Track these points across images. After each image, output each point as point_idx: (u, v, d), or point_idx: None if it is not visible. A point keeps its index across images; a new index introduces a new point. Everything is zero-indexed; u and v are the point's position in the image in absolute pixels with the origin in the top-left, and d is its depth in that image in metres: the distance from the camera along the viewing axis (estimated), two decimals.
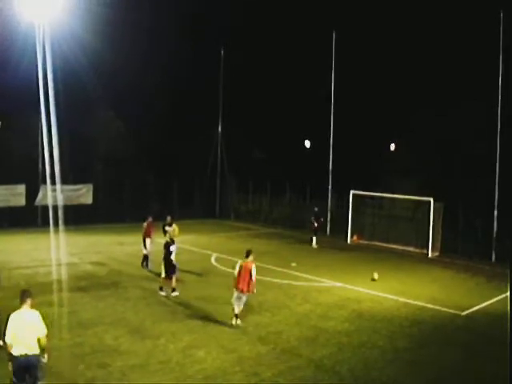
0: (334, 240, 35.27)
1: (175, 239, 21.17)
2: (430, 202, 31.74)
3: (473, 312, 20.38)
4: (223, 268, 25.56)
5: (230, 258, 27.83)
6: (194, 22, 42.49)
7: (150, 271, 24.03)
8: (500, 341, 17.17)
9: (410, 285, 24.19)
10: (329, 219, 38.13)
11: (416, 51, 37.74)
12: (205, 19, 43.25)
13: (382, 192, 34.67)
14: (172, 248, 20.24)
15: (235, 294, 17.00)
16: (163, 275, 20.25)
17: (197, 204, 44.15)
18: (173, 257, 20.16)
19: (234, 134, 43.82)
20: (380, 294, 22.14)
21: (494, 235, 31.33)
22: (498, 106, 31.58)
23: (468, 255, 31.33)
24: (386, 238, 33.89)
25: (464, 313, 20.06)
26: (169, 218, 25.46)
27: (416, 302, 21.07)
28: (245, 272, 16.75)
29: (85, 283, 21.74)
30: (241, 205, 44.37)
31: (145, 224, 25.23)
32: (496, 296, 22.81)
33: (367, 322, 18.37)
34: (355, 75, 39.57)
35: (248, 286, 16.77)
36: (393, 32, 38.70)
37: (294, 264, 26.67)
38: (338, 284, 23.47)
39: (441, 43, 36.51)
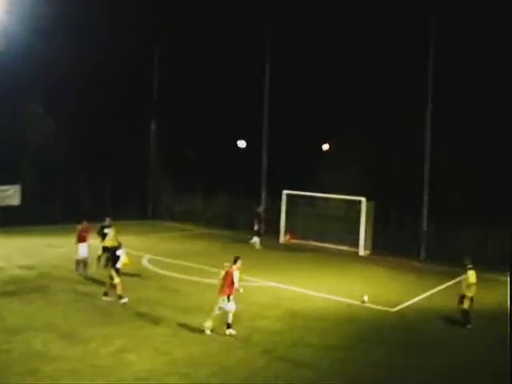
0: (267, 239, 35.35)
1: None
2: (361, 201, 32.25)
3: (403, 308, 20.80)
4: (156, 270, 25.32)
5: (163, 259, 27.65)
6: (130, 15, 41.65)
7: (86, 277, 23.32)
8: (429, 335, 17.68)
9: (342, 283, 24.52)
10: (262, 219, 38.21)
11: (348, 51, 38.19)
12: (141, 12, 42.50)
13: (315, 191, 35.01)
14: (119, 252, 19.80)
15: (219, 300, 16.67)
16: (118, 280, 19.57)
17: (130, 204, 43.48)
18: (120, 262, 19.72)
19: (168, 132, 43.48)
20: (313, 292, 22.34)
21: (424, 233, 32.05)
22: (426, 106, 32.36)
23: (399, 253, 31.96)
24: (319, 236, 34.24)
25: (395, 309, 20.45)
26: (108, 220, 24.60)
27: (348, 300, 21.35)
28: (227, 277, 16.59)
29: (12, 287, 21.04)
30: (174, 205, 44.00)
31: (79, 227, 24.17)
32: (426, 292, 23.40)
33: (300, 320, 18.50)
34: (289, 74, 39.81)
35: (229, 291, 16.51)
36: (327, 31, 39.09)
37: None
38: (272, 283, 23.55)
39: (372, 42, 37.03)
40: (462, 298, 18.74)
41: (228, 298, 16.53)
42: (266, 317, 18.65)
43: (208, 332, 16.44)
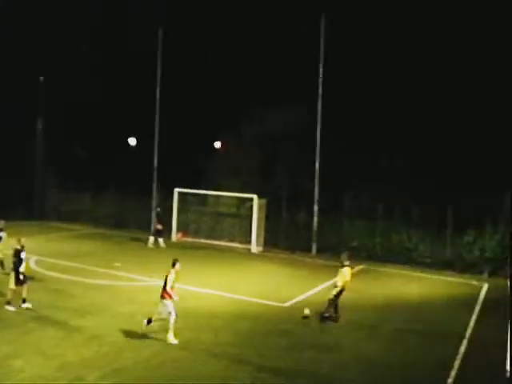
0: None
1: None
2: (253, 198, 32.50)
3: (295, 303, 21.09)
4: (44, 271, 24.44)
5: (51, 260, 26.75)
6: None
7: None
8: (320, 328, 18.02)
9: (235, 280, 24.61)
10: (153, 217, 37.76)
11: (236, 49, 38.49)
12: None
13: (207, 189, 35.02)
14: (23, 255, 18.87)
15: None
16: (13, 286, 18.53)
17: (14, 204, 41.70)
18: (23, 266, 18.77)
19: (55, 130, 42.16)
20: (206, 290, 22.29)
21: (315, 229, 32.68)
22: (316, 107, 33.00)
23: (290, 249, 32.46)
24: (212, 234, 34.27)
25: (287, 304, 20.73)
26: (1, 222, 23.57)
27: (241, 297, 21.44)
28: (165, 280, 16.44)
29: None
30: (62, 204, 42.59)
31: None
32: (317, 286, 23.84)
33: (193, 319, 18.36)
34: (181, 72, 39.62)
35: (163, 294, 16.31)
36: (216, 31, 39.24)
37: (118, 264, 26.12)
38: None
39: (259, 41, 37.46)
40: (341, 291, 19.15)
41: (162, 299, 16.35)
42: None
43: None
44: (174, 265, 16.66)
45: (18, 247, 19.01)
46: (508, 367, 13.78)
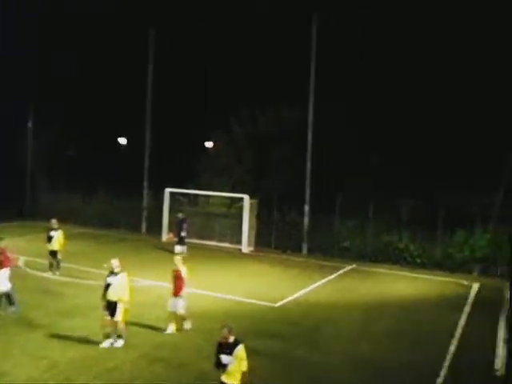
0: (149, 238, 34.87)
1: None
2: (243, 198, 32.39)
3: (286, 303, 21.01)
4: (33, 272, 24.23)
5: (40, 260, 26.36)
6: None
7: None
8: (309, 328, 17.96)
9: (226, 280, 24.48)
10: (144, 217, 37.58)
11: (229, 50, 38.35)
12: None
13: (197, 189, 34.87)
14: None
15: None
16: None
17: (4, 205, 41.22)
18: None
19: (43, 130, 41.87)
20: (197, 290, 22.02)
21: (305, 229, 32.60)
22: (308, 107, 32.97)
23: (281, 249, 32.37)
24: (202, 234, 34.03)
25: (278, 304, 20.64)
26: (54, 222, 24.61)
27: (232, 297, 21.33)
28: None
29: None
30: (50, 204, 42.02)
31: None
32: (308, 286, 23.79)
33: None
34: (173, 71, 39.52)
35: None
36: (210, 30, 39.07)
37: (106, 265, 25.81)
38: (154, 283, 23.13)
39: (253, 43, 37.36)
40: None
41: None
42: (147, 317, 18.31)
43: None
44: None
45: None
46: (496, 366, 13.75)
